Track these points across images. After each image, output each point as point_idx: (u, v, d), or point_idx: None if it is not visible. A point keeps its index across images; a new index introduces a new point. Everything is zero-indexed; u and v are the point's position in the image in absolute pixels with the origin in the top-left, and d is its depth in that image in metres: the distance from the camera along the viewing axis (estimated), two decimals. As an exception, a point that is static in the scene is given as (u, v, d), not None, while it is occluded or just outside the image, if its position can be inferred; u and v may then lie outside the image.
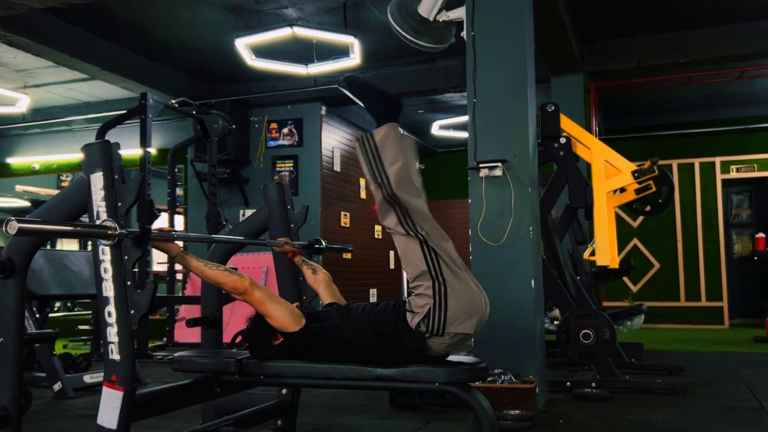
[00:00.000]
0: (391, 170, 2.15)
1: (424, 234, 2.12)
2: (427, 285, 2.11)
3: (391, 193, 2.15)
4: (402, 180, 2.15)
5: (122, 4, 5.89)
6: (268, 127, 8.21)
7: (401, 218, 2.14)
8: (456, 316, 2.10)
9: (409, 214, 2.14)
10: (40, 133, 9.45)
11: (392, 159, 2.16)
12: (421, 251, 2.12)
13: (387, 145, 2.18)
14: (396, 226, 2.15)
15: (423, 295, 2.12)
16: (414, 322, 2.12)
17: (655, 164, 4.34)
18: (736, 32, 6.60)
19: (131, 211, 2.25)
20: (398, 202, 2.14)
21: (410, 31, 4.23)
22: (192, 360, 2.42)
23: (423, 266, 2.11)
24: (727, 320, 8.42)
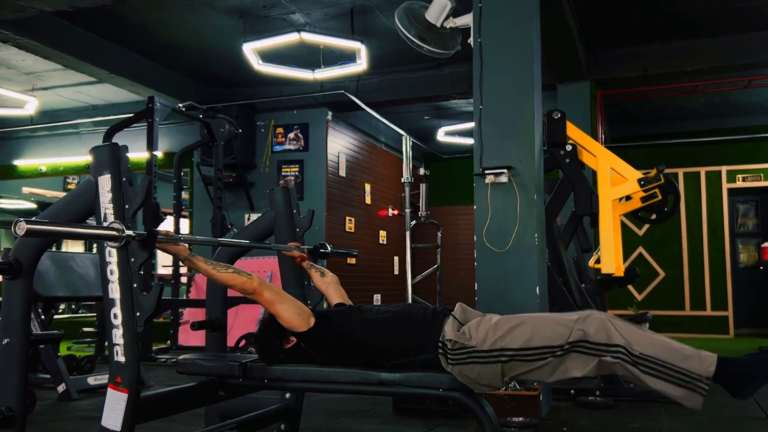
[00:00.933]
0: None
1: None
2: (502, 343, 2.03)
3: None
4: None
5: (130, 8, 5.93)
6: (275, 132, 8.22)
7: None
8: (472, 376, 2.06)
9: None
10: (48, 136, 9.49)
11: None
12: (559, 343, 1.98)
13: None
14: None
15: (488, 339, 2.04)
16: (451, 335, 2.08)
17: (661, 172, 4.33)
18: (743, 41, 6.59)
19: (137, 214, 2.26)
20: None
21: (417, 35, 4.25)
22: (196, 363, 2.43)
23: (542, 342, 1.98)
24: (732, 330, 8.38)
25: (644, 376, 1.92)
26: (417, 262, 9.18)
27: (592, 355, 1.96)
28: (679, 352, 1.94)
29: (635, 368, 1.92)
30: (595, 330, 1.95)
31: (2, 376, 2.36)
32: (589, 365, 1.97)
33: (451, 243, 9.94)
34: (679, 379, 1.92)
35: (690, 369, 1.92)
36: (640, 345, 1.93)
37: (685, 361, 1.92)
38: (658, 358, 1.92)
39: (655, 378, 1.92)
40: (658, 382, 1.92)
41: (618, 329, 1.95)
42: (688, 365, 1.92)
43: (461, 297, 2.76)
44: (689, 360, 1.93)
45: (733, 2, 5.85)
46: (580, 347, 1.96)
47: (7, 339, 2.37)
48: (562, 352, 1.96)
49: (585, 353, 1.96)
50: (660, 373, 1.92)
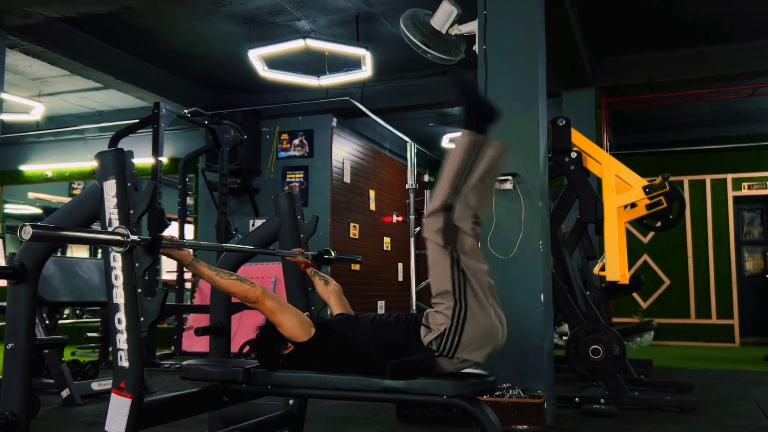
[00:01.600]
0: (473, 182, 2.11)
1: (460, 253, 2.09)
2: (448, 305, 2.09)
3: (452, 203, 2.10)
4: (470, 197, 2.11)
5: (137, 15, 5.95)
6: (279, 138, 8.24)
7: (445, 229, 2.10)
8: (469, 343, 2.08)
9: (455, 228, 2.10)
10: (53, 141, 9.53)
11: (482, 174, 2.12)
12: (450, 270, 2.09)
13: (489, 161, 2.13)
14: (436, 233, 2.11)
15: (442, 314, 2.10)
16: (427, 339, 2.11)
17: (666, 180, 4.33)
18: (749, 49, 6.58)
19: (142, 220, 2.26)
20: (452, 212, 2.10)
21: (422, 41, 4.25)
22: (200, 369, 2.43)
23: (448, 285, 2.09)
24: (737, 338, 8.34)
25: (474, 177, 2.12)
26: (421, 268, 9.15)
27: (455, 226, 2.10)
28: (453, 157, 2.15)
29: (467, 186, 2.11)
30: (435, 221, 2.13)
31: (6, 380, 2.37)
32: (464, 230, 2.11)
33: (456, 250, 9.91)
34: (476, 156, 2.14)
35: (468, 148, 2.15)
36: (447, 183, 2.12)
37: (462, 152, 2.14)
38: (457, 169, 2.12)
39: (473, 172, 2.13)
40: (478, 170, 2.12)
41: (433, 199, 2.16)
42: (465, 150, 2.15)
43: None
44: (462, 149, 2.15)
45: (738, 10, 5.85)
46: (449, 236, 2.10)
47: (11, 343, 2.37)
48: (455, 253, 2.09)
49: (454, 232, 2.10)
50: (470, 170, 2.13)
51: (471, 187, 2.11)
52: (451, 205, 2.10)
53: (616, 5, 5.81)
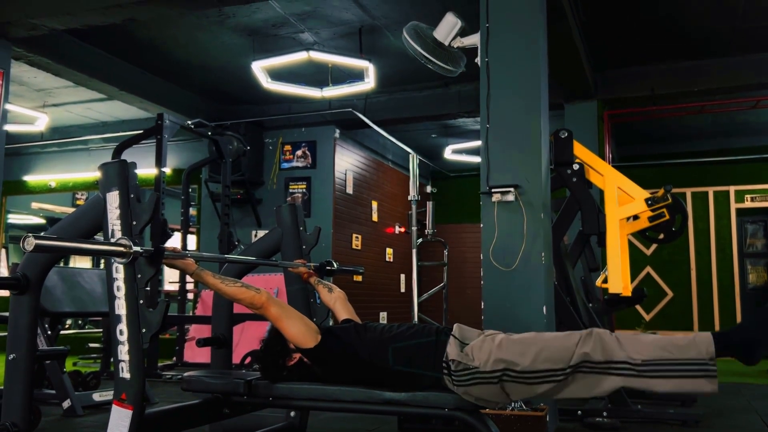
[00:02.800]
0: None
1: (583, 369, 1.99)
2: (504, 363, 2.02)
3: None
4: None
5: (141, 26, 5.99)
6: (282, 149, 8.26)
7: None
8: (477, 395, 2.07)
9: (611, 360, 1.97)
10: (57, 152, 9.56)
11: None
12: (567, 362, 1.97)
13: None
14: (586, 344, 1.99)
15: (490, 359, 2.04)
16: (452, 353, 2.09)
17: (668, 192, 4.32)
18: (751, 62, 6.60)
19: (145, 230, 2.27)
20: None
21: (425, 51, 4.26)
22: (201, 380, 2.43)
23: (550, 365, 1.98)
24: (741, 351, 8.29)
25: (653, 382, 1.92)
26: (424, 280, 9.15)
27: (596, 373, 1.95)
28: (675, 345, 1.94)
29: (642, 378, 1.93)
30: (592, 348, 1.95)
31: (8, 391, 2.37)
32: (594, 384, 1.97)
33: (458, 261, 9.92)
34: (687, 371, 1.91)
35: (693, 357, 1.91)
36: (640, 353, 1.93)
37: (685, 352, 1.92)
38: (661, 359, 1.92)
39: (664, 380, 1.92)
40: (669, 383, 1.92)
41: (618, 343, 1.96)
42: (690, 354, 1.92)
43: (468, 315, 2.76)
44: (688, 349, 1.92)
45: (740, 22, 5.87)
46: (583, 368, 1.96)
47: (13, 354, 2.37)
48: (564, 376, 1.96)
49: (588, 373, 1.96)
50: (667, 374, 1.92)
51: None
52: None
53: (619, 17, 5.84)
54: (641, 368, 1.92)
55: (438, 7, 5.37)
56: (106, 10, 4.95)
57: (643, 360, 1.92)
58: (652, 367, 1.92)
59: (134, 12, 5.00)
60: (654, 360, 1.92)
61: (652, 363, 1.91)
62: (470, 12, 4.23)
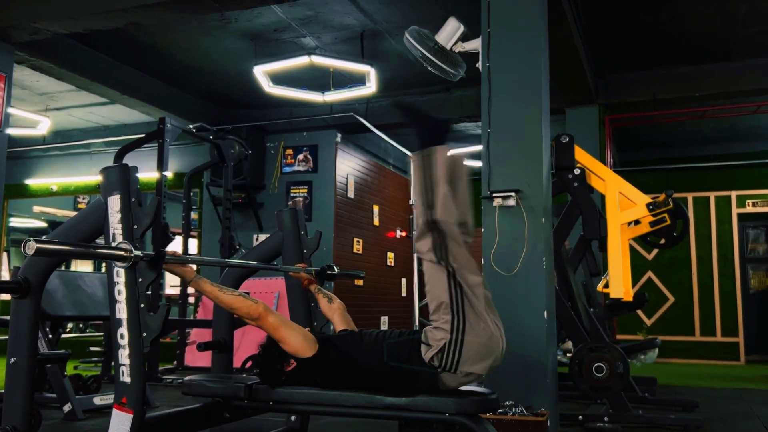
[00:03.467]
0: (439, 193, 2.12)
1: (455, 266, 2.08)
2: (446, 319, 2.08)
3: (433, 218, 2.11)
4: (447, 206, 2.11)
5: (143, 30, 6.01)
6: (284, 153, 8.27)
7: (436, 245, 2.10)
8: (470, 356, 2.08)
9: (445, 243, 2.10)
10: (59, 155, 9.57)
11: (444, 183, 2.13)
12: (447, 283, 2.09)
13: (444, 167, 2.15)
14: (428, 251, 2.11)
15: (440, 329, 2.09)
16: (428, 356, 2.11)
17: (669, 197, 4.32)
18: (752, 67, 6.60)
19: (146, 234, 2.27)
20: (438, 228, 2.10)
21: (427, 52, 4.26)
22: (202, 384, 2.43)
23: (446, 298, 2.09)
24: (743, 356, 8.29)
25: (441, 187, 2.15)
26: (424, 284, 9.14)
27: (443, 242, 2.11)
28: (416, 173, 2.21)
29: (441, 197, 2.13)
30: (425, 243, 2.15)
31: (8, 395, 2.37)
32: (455, 244, 2.12)
33: (459, 266, 9.90)
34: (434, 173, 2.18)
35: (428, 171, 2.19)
36: (427, 202, 2.15)
37: (425, 170, 2.21)
38: (425, 183, 2.15)
39: (441, 185, 2.16)
40: (445, 184, 2.17)
41: (418, 221, 2.19)
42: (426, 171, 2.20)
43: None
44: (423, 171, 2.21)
45: (741, 28, 5.87)
46: (440, 253, 2.12)
47: (14, 358, 2.38)
48: (448, 266, 2.11)
49: (445, 247, 2.12)
50: (435, 184, 2.16)
51: (443, 197, 2.11)
52: (433, 221, 2.10)
53: (620, 23, 5.85)
54: (430, 199, 2.15)
55: (439, 12, 5.39)
56: (109, 15, 4.97)
57: (428, 196, 2.15)
58: (430, 192, 2.15)
59: (136, 16, 5.01)
60: (427, 188, 2.16)
61: (429, 190, 2.16)
62: (471, 17, 4.23)
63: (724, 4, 5.48)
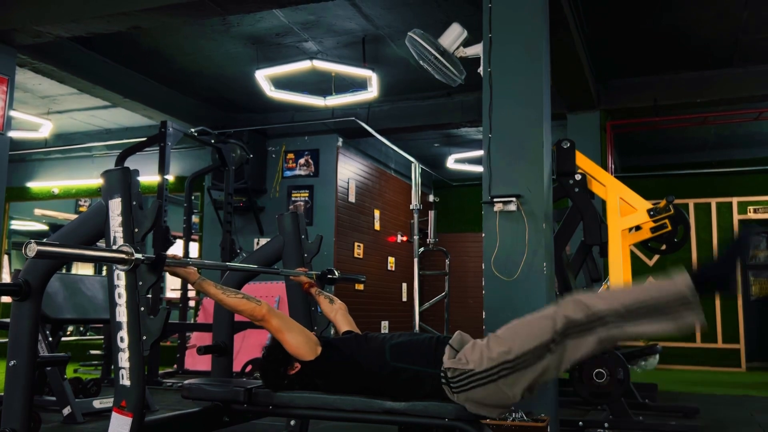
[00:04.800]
0: (641, 321, 1.94)
1: (559, 347, 1.98)
2: (498, 358, 2.00)
3: (604, 318, 1.95)
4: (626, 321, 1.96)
5: (145, 34, 6.02)
6: (285, 157, 8.28)
7: (577, 325, 1.96)
8: (478, 398, 2.04)
9: (581, 335, 1.97)
10: (61, 158, 9.58)
11: (647, 319, 1.95)
12: (540, 344, 1.97)
13: (674, 321, 1.94)
14: (565, 317, 1.98)
15: (482, 358, 2.02)
16: (448, 364, 2.08)
17: (670, 203, 4.32)
18: (754, 73, 6.61)
19: (147, 238, 2.27)
20: (595, 331, 1.96)
21: (429, 55, 4.27)
22: (201, 388, 2.42)
23: (521, 349, 1.98)
24: (744, 363, 8.27)
25: (640, 325, 1.92)
26: (425, 289, 9.15)
27: (583, 333, 1.95)
28: (653, 286, 1.95)
29: (629, 323, 1.92)
30: (573, 310, 1.95)
31: (8, 397, 2.37)
32: (587, 343, 1.96)
33: (460, 270, 9.91)
34: (670, 307, 1.91)
35: (673, 293, 1.91)
36: (620, 301, 1.93)
37: (665, 289, 1.93)
38: (641, 300, 1.92)
39: (649, 321, 1.92)
40: (654, 322, 1.92)
41: (595, 299, 1.97)
42: (670, 290, 1.92)
43: (469, 325, 2.76)
44: (666, 288, 1.93)
45: (743, 34, 5.88)
46: (570, 332, 1.96)
47: (14, 360, 2.37)
48: (555, 345, 1.96)
49: (576, 336, 1.96)
50: (651, 313, 1.91)
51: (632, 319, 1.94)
52: (601, 319, 1.95)
53: (622, 28, 5.86)
54: (625, 314, 1.92)
55: (441, 17, 5.40)
56: (111, 18, 4.98)
57: (625, 306, 1.92)
58: (635, 310, 1.92)
59: (139, 20, 5.03)
60: (635, 303, 1.92)
61: (634, 306, 1.92)
62: (473, 23, 4.24)
63: (726, 11, 5.48)
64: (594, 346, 1.96)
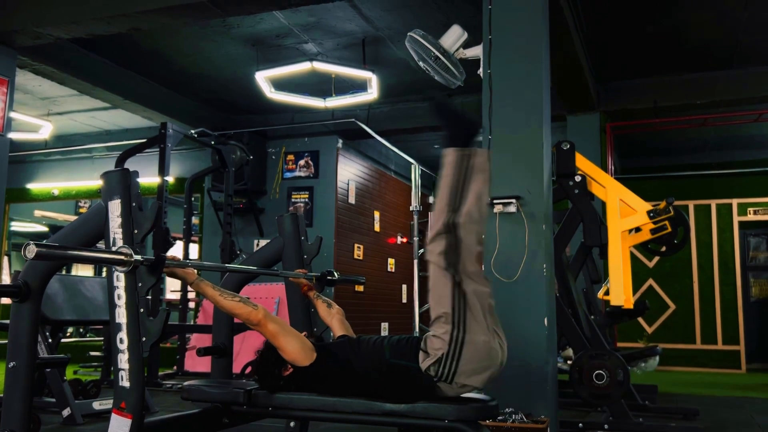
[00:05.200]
0: (469, 198, 2.06)
1: (462, 276, 2.04)
2: (446, 329, 2.05)
3: (454, 221, 2.05)
4: (472, 213, 2.06)
5: (146, 36, 6.02)
6: (285, 159, 8.28)
7: (449, 249, 2.04)
8: (467, 369, 2.06)
9: (458, 249, 2.04)
10: (61, 160, 9.59)
11: (477, 188, 2.07)
12: (451, 292, 2.05)
13: (481, 173, 2.08)
14: (439, 255, 2.06)
15: (439, 339, 2.06)
16: (425, 365, 2.09)
17: (670, 204, 4.32)
18: (753, 75, 6.61)
19: (147, 239, 2.27)
20: (456, 232, 2.05)
21: (429, 57, 4.27)
22: (201, 389, 2.42)
23: (447, 308, 2.04)
24: (744, 364, 8.27)
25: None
26: (425, 290, 9.13)
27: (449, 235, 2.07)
28: (446, 180, 2.12)
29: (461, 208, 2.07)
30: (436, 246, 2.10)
31: (8, 399, 2.36)
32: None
33: (460, 272, 9.89)
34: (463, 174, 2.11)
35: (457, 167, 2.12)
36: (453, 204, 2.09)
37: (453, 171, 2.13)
38: (451, 186, 2.10)
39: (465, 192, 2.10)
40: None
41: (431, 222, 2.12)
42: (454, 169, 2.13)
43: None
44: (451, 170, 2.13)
45: (743, 36, 5.88)
46: (449, 253, 2.07)
47: (13, 362, 2.37)
48: (455, 272, 2.06)
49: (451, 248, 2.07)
50: (462, 186, 2.09)
51: (472, 203, 2.06)
52: (454, 225, 2.05)
53: (622, 30, 5.86)
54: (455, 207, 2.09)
55: (441, 19, 5.41)
56: (111, 20, 4.99)
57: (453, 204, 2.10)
58: (453, 196, 2.09)
59: (139, 22, 5.03)
60: (450, 194, 2.10)
61: (453, 196, 2.10)
62: (472, 25, 4.24)
63: (726, 12, 5.49)
64: (475, 244, 2.08)
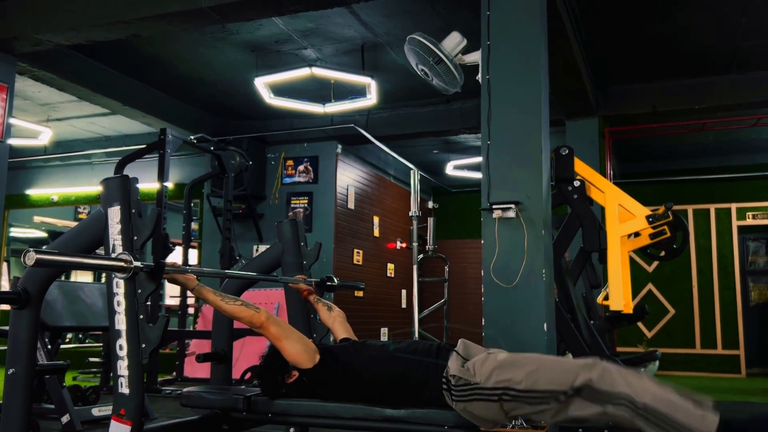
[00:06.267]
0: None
1: (575, 397, 2.00)
2: (514, 380, 2.02)
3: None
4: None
5: (145, 42, 6.03)
6: (284, 164, 8.29)
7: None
8: (477, 412, 2.06)
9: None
10: (60, 166, 9.59)
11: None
12: (563, 389, 1.99)
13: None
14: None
15: (492, 376, 2.04)
16: (453, 369, 2.08)
17: (669, 209, 4.32)
18: (752, 80, 6.62)
19: (146, 245, 2.27)
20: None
21: (429, 60, 4.27)
22: (200, 396, 2.42)
23: (550, 387, 1.99)
24: (744, 369, 8.26)
25: (648, 426, 1.92)
26: (425, 295, 9.14)
27: (596, 402, 1.94)
28: (682, 408, 1.92)
29: (639, 419, 1.92)
30: (599, 376, 1.94)
31: (7, 405, 2.36)
32: (591, 412, 1.97)
33: (460, 277, 9.90)
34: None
35: (694, 427, 1.90)
36: (645, 396, 1.92)
37: (688, 417, 1.91)
38: (662, 412, 1.91)
39: (656, 429, 1.92)
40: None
41: (623, 378, 1.94)
42: (692, 422, 1.90)
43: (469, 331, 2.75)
44: (692, 416, 1.91)
45: (742, 41, 5.90)
46: (584, 394, 1.95)
47: (12, 368, 2.37)
48: (566, 398, 1.95)
49: (588, 400, 1.95)
50: (663, 425, 1.91)
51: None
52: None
53: (620, 35, 5.87)
54: (640, 410, 1.92)
55: (440, 25, 5.42)
56: (111, 26, 4.99)
57: (645, 404, 1.91)
58: (651, 414, 1.92)
59: (138, 28, 5.04)
60: (655, 409, 1.91)
61: (652, 410, 1.91)
62: (471, 31, 4.25)
63: (725, 17, 5.50)
64: (596, 416, 1.99)
